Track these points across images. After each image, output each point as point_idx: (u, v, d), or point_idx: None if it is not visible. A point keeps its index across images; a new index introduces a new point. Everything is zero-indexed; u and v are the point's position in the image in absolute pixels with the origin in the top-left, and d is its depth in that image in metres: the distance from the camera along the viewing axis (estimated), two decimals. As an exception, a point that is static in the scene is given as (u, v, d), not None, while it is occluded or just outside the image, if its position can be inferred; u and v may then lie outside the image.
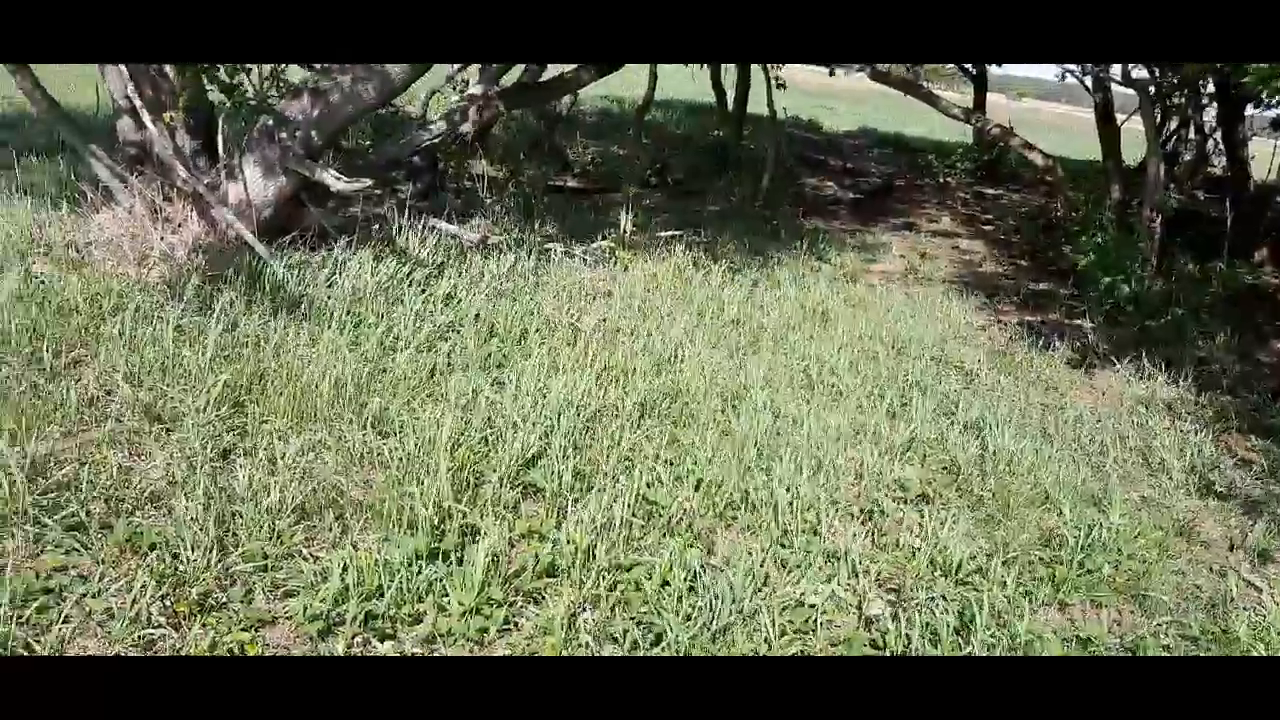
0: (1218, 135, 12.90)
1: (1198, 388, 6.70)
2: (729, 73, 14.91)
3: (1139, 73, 9.69)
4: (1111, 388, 6.73)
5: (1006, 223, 12.87)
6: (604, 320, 6.26)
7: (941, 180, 15.47)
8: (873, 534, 4.15)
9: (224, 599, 3.12)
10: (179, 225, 5.81)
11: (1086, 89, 11.43)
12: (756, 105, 13.70)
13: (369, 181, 6.11)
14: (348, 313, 5.34)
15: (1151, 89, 9.51)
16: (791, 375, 5.80)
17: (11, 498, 3.32)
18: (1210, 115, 12.85)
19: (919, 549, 4.00)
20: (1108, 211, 10.00)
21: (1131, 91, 9.93)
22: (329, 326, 5.11)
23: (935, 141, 19.49)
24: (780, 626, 3.37)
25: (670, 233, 8.66)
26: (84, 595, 3.00)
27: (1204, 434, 5.77)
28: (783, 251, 9.15)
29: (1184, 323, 8.03)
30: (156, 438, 3.94)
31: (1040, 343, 7.51)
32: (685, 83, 17.17)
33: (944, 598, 3.70)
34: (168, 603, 3.01)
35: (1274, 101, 9.05)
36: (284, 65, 6.13)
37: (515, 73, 10.14)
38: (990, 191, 14.96)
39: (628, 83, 17.04)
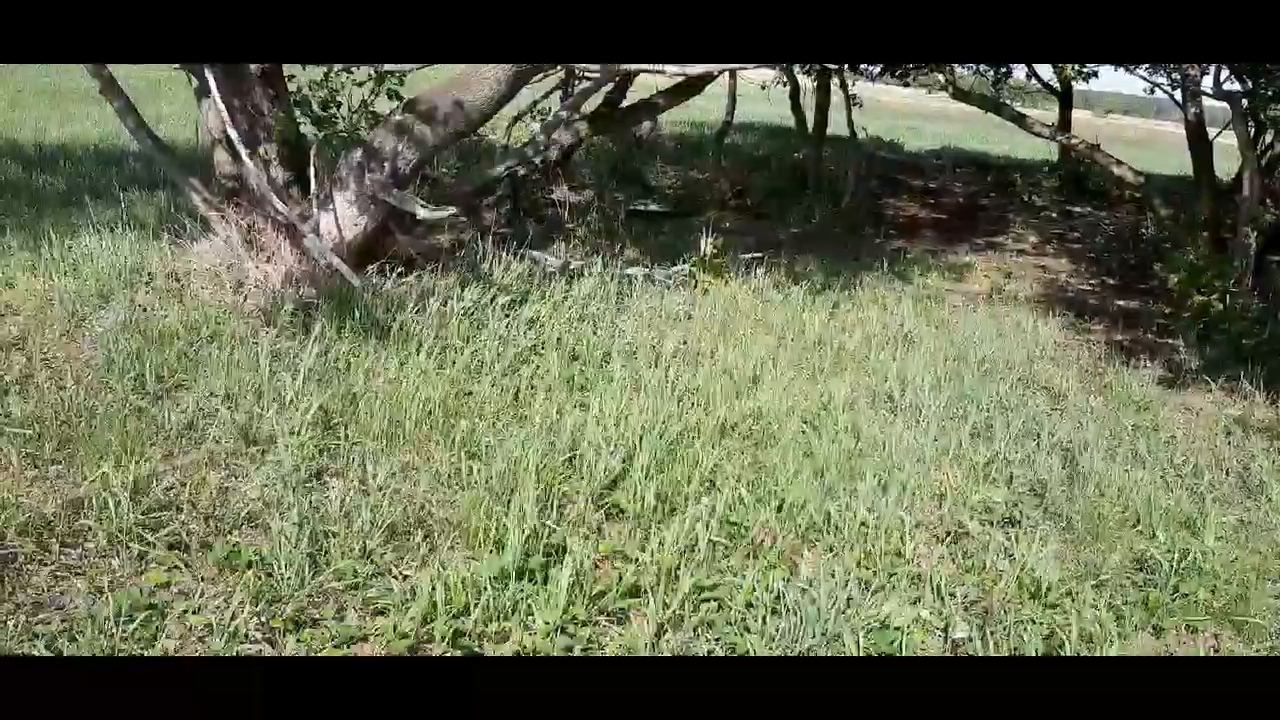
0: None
1: (1296, 408, 6.49)
2: (807, 94, 14.88)
3: (1231, 85, 9.42)
4: (1206, 408, 6.54)
5: (1094, 240, 12.61)
6: (684, 343, 6.29)
7: (1026, 198, 15.22)
8: (957, 556, 4.11)
9: (317, 616, 3.20)
10: (273, 254, 6.00)
11: (1176, 103, 11.15)
12: (838, 128, 13.65)
13: (454, 210, 6.23)
14: (434, 337, 5.44)
15: (1245, 101, 9.24)
16: (874, 396, 5.76)
17: (117, 517, 3.46)
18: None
19: (1005, 571, 3.94)
20: (1200, 228, 9.74)
21: (1224, 104, 9.67)
22: (416, 351, 5.22)
23: (1019, 159, 19.17)
24: (865, 649, 3.35)
25: (750, 255, 8.68)
26: (185, 611, 3.11)
27: (1305, 455, 5.58)
28: (864, 272, 9.09)
29: (1282, 340, 7.78)
30: (253, 459, 4.07)
31: (1130, 362, 7.34)
32: (763, 105, 17.15)
33: (1032, 621, 3.64)
34: (264, 619, 3.11)
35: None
36: (374, 98, 6.29)
37: (596, 100, 10.28)
38: (1076, 209, 14.66)
39: (707, 108, 17.11)
